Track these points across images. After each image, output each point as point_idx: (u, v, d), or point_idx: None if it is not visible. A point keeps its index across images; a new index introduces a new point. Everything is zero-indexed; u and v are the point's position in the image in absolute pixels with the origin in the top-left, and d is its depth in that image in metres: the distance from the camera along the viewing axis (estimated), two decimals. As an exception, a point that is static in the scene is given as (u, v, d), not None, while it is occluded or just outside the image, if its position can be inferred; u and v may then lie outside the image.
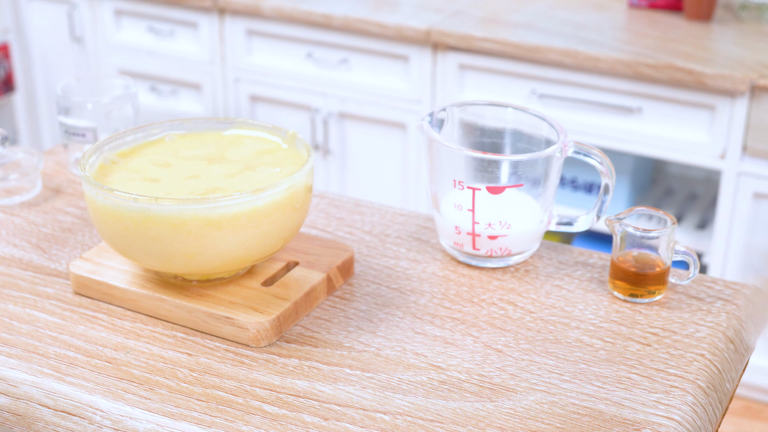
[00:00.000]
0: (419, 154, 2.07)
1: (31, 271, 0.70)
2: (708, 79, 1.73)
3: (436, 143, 0.80)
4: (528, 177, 0.79)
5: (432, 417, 0.56)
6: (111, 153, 0.69)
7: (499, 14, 2.04)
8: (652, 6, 2.06)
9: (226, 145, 0.71)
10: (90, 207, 0.64)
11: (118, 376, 0.58)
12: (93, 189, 0.62)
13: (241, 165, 0.68)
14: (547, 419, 0.57)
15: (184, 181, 0.66)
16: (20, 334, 0.62)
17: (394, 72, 2.06)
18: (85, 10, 2.41)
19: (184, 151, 0.70)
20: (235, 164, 0.68)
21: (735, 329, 0.69)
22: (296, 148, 0.70)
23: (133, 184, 0.65)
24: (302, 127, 2.17)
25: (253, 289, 0.65)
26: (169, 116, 2.37)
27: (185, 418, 0.55)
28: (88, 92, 0.88)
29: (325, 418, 0.55)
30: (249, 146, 0.71)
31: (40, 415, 0.58)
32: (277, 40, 2.16)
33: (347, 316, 0.66)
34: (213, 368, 0.60)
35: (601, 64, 1.81)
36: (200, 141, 0.72)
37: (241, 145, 0.71)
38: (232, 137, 0.72)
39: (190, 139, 0.72)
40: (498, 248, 0.79)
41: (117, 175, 0.67)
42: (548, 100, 1.91)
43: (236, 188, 0.65)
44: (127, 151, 0.70)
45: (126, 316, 0.65)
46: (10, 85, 2.61)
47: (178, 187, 0.65)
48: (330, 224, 0.78)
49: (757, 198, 1.76)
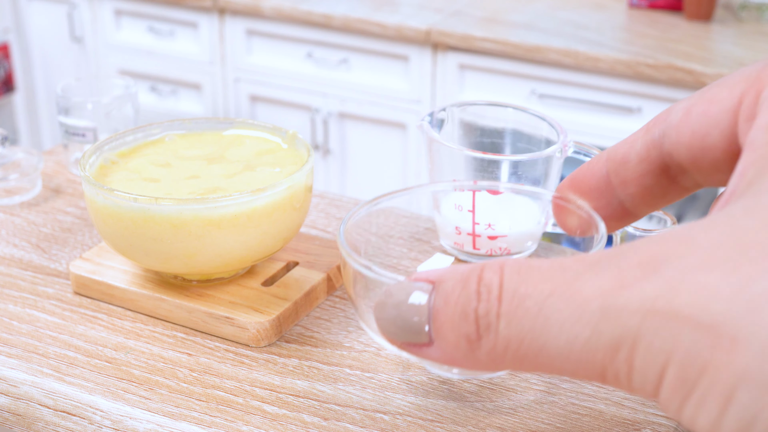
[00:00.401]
0: (419, 154, 2.07)
1: (31, 271, 0.70)
2: (708, 79, 1.73)
3: (436, 143, 0.80)
4: (528, 177, 0.80)
5: (432, 417, 0.56)
6: (111, 153, 0.69)
7: (499, 14, 2.04)
8: (652, 6, 2.06)
9: (226, 145, 0.71)
10: (90, 207, 0.64)
11: (118, 376, 0.58)
12: (93, 189, 0.62)
13: (241, 165, 0.68)
14: (547, 419, 0.57)
15: (184, 181, 0.66)
16: (20, 334, 0.62)
17: (394, 72, 2.06)
18: (85, 10, 2.41)
19: (184, 151, 0.70)
20: (235, 164, 0.68)
21: (735, 329, 0.69)
22: (296, 148, 0.70)
23: (133, 184, 0.65)
24: (302, 127, 2.17)
25: (253, 289, 0.65)
26: (169, 116, 2.37)
27: (185, 418, 0.55)
28: (88, 92, 0.88)
29: (325, 418, 0.55)
30: (249, 146, 0.71)
31: (40, 415, 0.58)
32: (277, 40, 2.16)
33: (347, 316, 0.66)
34: (213, 368, 0.60)
35: (601, 64, 1.81)
36: (200, 141, 0.72)
37: (241, 145, 0.71)
38: (232, 137, 0.72)
39: (190, 139, 0.72)
40: (498, 248, 0.79)
41: (117, 175, 0.67)
42: (548, 100, 1.91)
43: (236, 188, 0.65)
44: (127, 151, 0.70)
45: (126, 316, 0.65)
46: (10, 85, 2.61)
47: (178, 187, 0.65)
48: (330, 224, 0.78)
49: (757, 198, 1.76)
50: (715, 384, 0.28)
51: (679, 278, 0.29)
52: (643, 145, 0.45)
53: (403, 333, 0.37)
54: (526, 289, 0.33)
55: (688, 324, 0.29)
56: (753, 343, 0.27)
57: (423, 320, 0.36)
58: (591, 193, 0.49)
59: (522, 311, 0.33)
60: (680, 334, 0.29)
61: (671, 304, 0.29)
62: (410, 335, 0.37)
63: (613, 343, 0.30)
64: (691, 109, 0.40)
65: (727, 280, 0.29)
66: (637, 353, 0.30)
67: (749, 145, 0.35)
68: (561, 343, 0.32)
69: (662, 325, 0.29)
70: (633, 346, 0.30)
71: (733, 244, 0.29)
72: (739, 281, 0.28)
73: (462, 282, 0.35)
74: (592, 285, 0.31)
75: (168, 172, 0.67)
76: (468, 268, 0.36)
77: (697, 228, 0.31)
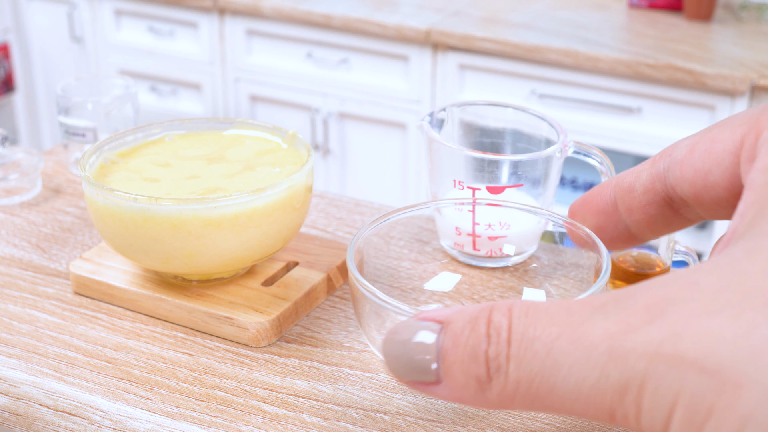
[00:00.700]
0: (419, 154, 2.07)
1: (31, 271, 0.70)
2: (708, 79, 1.73)
3: (436, 143, 0.80)
4: (528, 177, 0.79)
5: (432, 417, 0.56)
6: (111, 153, 0.69)
7: (499, 14, 2.04)
8: (652, 6, 2.06)
9: (226, 145, 0.71)
10: (90, 207, 0.64)
11: (118, 376, 0.58)
12: (93, 189, 0.62)
13: (241, 165, 0.68)
14: (547, 419, 0.57)
15: (184, 181, 0.66)
16: (20, 334, 0.62)
17: (394, 72, 2.06)
18: (85, 10, 2.40)
19: (184, 151, 0.70)
20: (235, 164, 0.68)
21: (735, 329, 0.69)
22: (296, 148, 0.70)
23: (133, 184, 0.65)
24: (302, 127, 2.17)
25: (253, 289, 0.65)
26: (169, 116, 2.37)
27: (185, 418, 0.55)
28: (88, 92, 0.88)
29: (325, 418, 0.55)
30: (249, 146, 0.71)
31: (40, 415, 0.58)
32: (277, 40, 2.16)
33: (347, 316, 0.66)
34: (213, 368, 0.60)
35: (601, 64, 1.81)
36: (200, 141, 0.72)
37: (241, 145, 0.71)
38: (232, 137, 0.72)
39: (190, 139, 0.72)
40: (498, 249, 0.79)
41: (117, 175, 0.67)
42: (548, 100, 1.91)
43: (236, 188, 0.65)
44: (127, 151, 0.70)
45: (126, 316, 0.65)
46: (10, 85, 2.61)
47: (178, 187, 0.65)
48: (330, 224, 0.78)
49: (757, 198, 1.76)
50: (721, 426, 0.29)
51: (683, 323, 0.30)
52: (648, 176, 0.47)
53: (410, 371, 0.38)
54: (534, 332, 0.34)
55: (694, 368, 0.30)
56: (757, 387, 0.28)
57: (431, 359, 0.37)
58: (599, 216, 0.52)
59: (531, 354, 0.33)
60: (686, 377, 0.30)
61: (676, 349, 0.30)
62: (417, 373, 0.38)
63: (621, 385, 0.31)
64: (695, 147, 0.42)
65: (730, 326, 0.29)
66: (644, 396, 0.31)
67: (749, 185, 0.36)
68: (570, 385, 0.32)
69: (668, 369, 0.30)
70: (640, 388, 0.31)
71: (735, 289, 0.30)
72: (742, 327, 0.29)
73: (471, 323, 0.36)
74: (599, 328, 0.32)
75: (168, 172, 0.67)
76: (476, 309, 0.37)
77: (700, 272, 0.32)
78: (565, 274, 0.77)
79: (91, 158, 0.67)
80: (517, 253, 0.80)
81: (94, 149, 0.68)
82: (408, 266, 0.75)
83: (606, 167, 0.81)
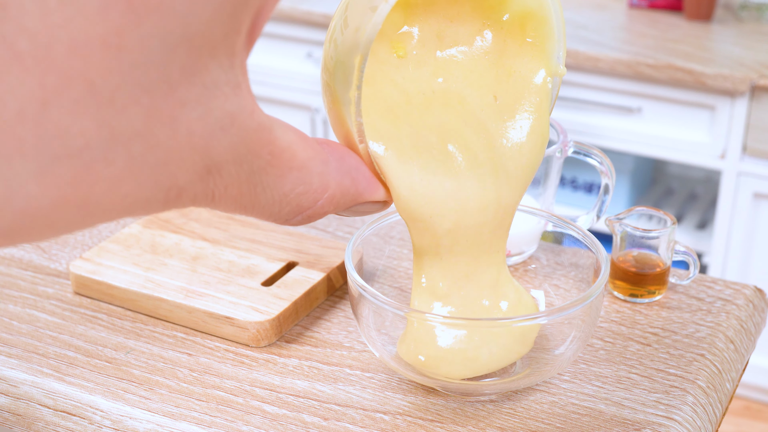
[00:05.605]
0: (419, 154, 2.07)
1: (31, 271, 0.70)
2: (708, 79, 1.73)
3: (436, 143, 0.80)
4: (528, 177, 0.79)
5: (432, 417, 0.56)
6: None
7: (499, 14, 2.04)
8: (652, 6, 2.05)
9: (226, 145, 0.71)
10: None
11: (118, 376, 0.58)
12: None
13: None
14: (547, 419, 0.57)
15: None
16: (20, 334, 0.62)
17: (394, 72, 2.05)
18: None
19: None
20: (235, 164, 0.68)
21: (735, 329, 0.69)
22: (296, 148, 0.70)
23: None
24: (302, 127, 2.17)
25: (253, 289, 0.65)
26: (169, 116, 2.36)
27: (185, 418, 0.55)
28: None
29: (325, 418, 0.55)
30: (249, 146, 0.71)
31: (40, 415, 0.58)
32: (276, 39, 2.16)
33: (347, 316, 0.66)
34: (213, 368, 0.59)
35: (601, 64, 1.81)
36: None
37: (241, 145, 0.71)
38: (232, 137, 0.72)
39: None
40: (498, 248, 0.79)
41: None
42: (548, 100, 1.91)
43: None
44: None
45: (126, 316, 0.65)
46: (10, 85, 2.60)
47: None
48: (330, 224, 0.78)
49: (757, 198, 1.76)
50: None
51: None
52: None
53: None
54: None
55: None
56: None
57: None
58: None
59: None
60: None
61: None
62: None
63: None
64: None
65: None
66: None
67: None
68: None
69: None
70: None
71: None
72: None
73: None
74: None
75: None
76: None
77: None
78: (565, 274, 0.77)
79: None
80: (516, 253, 0.80)
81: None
82: (407, 266, 0.75)
83: (606, 167, 0.81)
